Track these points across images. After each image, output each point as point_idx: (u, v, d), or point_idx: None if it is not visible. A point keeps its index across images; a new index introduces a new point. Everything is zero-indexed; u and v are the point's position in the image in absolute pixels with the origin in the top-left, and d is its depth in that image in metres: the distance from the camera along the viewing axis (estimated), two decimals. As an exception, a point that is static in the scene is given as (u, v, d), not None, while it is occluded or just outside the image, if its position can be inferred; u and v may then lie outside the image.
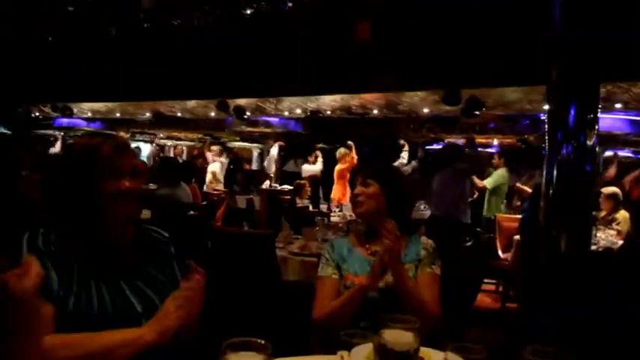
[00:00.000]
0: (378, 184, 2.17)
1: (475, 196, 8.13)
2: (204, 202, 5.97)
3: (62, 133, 15.90)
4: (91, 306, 1.48)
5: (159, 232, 1.79)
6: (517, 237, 5.46)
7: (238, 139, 16.24)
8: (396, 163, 7.81)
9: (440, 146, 11.34)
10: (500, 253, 5.92)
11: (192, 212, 4.67)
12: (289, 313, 3.13)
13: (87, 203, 1.56)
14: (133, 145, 15.13)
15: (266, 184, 9.72)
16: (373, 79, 8.28)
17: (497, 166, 7.65)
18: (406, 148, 7.95)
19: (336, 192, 8.04)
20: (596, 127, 4.02)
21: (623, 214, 5.47)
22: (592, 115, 3.97)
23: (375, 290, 2.02)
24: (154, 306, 1.56)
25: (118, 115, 14.07)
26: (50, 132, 16.58)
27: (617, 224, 5.45)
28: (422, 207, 7.33)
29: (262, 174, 10.30)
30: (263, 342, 1.06)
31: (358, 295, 1.97)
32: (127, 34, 11.57)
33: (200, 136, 15.66)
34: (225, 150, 12.99)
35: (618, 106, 7.63)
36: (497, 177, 7.39)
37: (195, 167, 8.45)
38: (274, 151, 11.35)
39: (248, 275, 3.28)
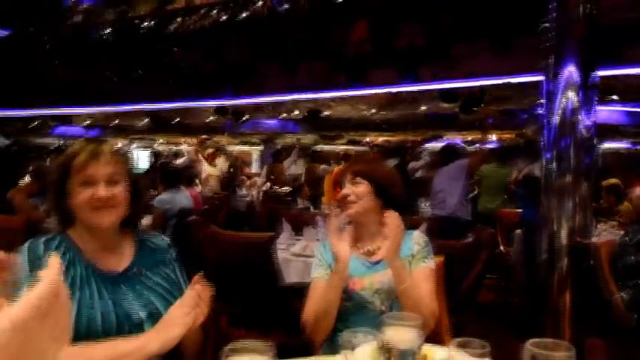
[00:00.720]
0: (368, 183, 2.09)
1: (476, 191, 8.11)
2: (205, 207, 5.97)
3: (62, 142, 15.89)
4: (94, 313, 1.48)
5: (159, 238, 1.80)
6: (518, 231, 5.46)
7: (237, 142, 16.27)
8: (421, 162, 7.77)
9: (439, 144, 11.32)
10: (501, 247, 5.91)
11: (193, 217, 4.67)
12: (292, 315, 3.13)
13: (67, 211, 1.58)
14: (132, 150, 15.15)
15: (266, 186, 9.71)
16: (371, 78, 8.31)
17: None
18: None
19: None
20: (594, 118, 4.03)
21: (627, 206, 5.45)
22: (589, 107, 3.98)
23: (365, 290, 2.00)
24: (156, 311, 1.57)
25: (116, 121, 14.09)
26: (49, 140, 16.58)
27: (620, 217, 5.43)
28: (423, 205, 7.30)
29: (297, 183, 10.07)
30: (266, 344, 1.06)
31: (335, 283, 1.91)
32: (124, 39, 11.59)
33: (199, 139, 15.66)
34: (224, 153, 12.97)
35: (615, 97, 7.64)
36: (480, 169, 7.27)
37: (196, 171, 8.44)
38: (295, 154, 11.20)
39: (250, 278, 3.28)
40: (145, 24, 11.82)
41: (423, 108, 9.55)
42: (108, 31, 12.50)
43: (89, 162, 1.54)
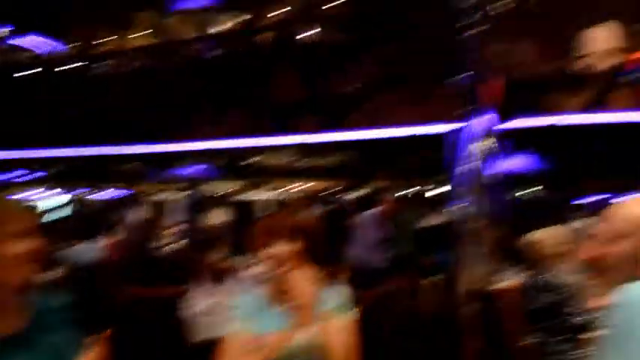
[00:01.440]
0: (299, 242, 2.07)
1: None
2: (119, 258, 5.78)
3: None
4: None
5: (57, 296, 1.73)
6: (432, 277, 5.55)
7: (158, 189, 15.90)
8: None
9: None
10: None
11: (103, 270, 4.50)
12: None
13: None
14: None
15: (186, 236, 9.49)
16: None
17: None
18: None
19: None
20: (506, 166, 4.19)
21: None
22: (501, 154, 4.15)
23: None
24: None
25: (33, 165, 13.48)
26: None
27: None
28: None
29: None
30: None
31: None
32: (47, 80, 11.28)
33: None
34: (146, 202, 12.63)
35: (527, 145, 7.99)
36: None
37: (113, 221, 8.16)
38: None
39: (158, 335, 3.19)
40: (72, 65, 11.54)
41: (345, 156, 9.71)
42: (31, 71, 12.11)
43: (11, 216, 1.50)
